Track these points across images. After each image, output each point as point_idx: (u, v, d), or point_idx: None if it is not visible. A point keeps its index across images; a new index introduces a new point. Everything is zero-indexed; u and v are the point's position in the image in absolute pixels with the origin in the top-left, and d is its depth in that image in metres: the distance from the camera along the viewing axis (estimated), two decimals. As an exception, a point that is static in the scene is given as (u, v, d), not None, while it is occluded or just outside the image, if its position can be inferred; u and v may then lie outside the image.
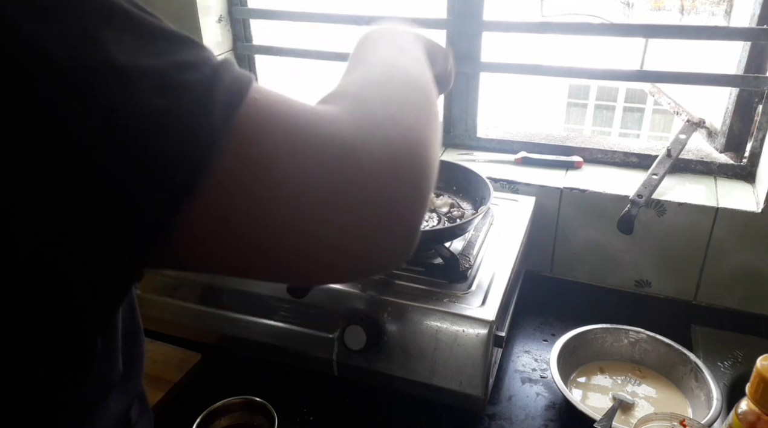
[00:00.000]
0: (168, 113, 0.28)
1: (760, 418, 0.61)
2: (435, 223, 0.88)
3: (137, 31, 0.29)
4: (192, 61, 0.30)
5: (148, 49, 0.28)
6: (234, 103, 0.30)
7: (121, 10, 0.29)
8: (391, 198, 0.34)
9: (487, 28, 1.08)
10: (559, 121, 7.71)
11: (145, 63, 0.28)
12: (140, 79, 0.27)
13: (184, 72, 0.29)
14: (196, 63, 0.30)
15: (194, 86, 0.29)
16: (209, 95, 0.29)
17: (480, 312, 0.74)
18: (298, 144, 0.31)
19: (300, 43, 1.28)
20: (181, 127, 0.28)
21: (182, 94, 0.28)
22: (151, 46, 0.29)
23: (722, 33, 0.98)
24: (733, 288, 0.99)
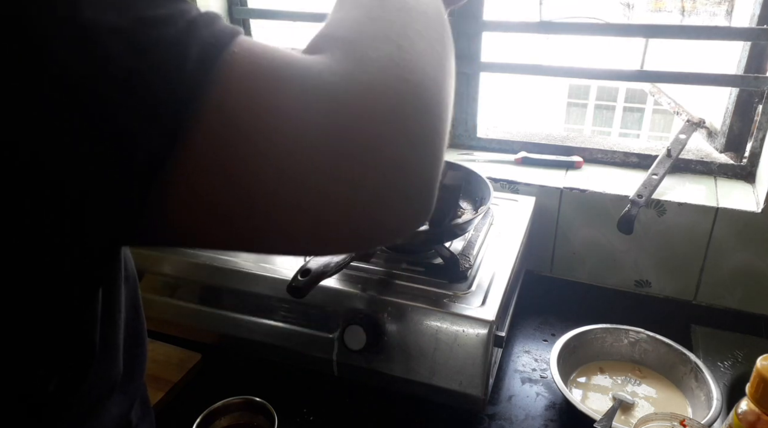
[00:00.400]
0: (137, 69, 0.26)
1: (760, 418, 0.61)
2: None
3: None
4: (167, 14, 0.28)
5: (117, 2, 0.27)
6: (210, 58, 0.28)
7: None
8: (400, 151, 0.31)
9: (487, 28, 1.08)
10: (559, 121, 7.71)
11: (113, 18, 0.26)
12: (107, 38, 0.26)
13: (155, 26, 0.27)
14: (171, 16, 0.28)
15: (166, 41, 0.27)
16: (181, 51, 0.27)
17: (480, 312, 0.74)
18: (280, 99, 0.29)
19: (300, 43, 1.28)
20: (152, 88, 0.26)
21: (153, 49, 0.27)
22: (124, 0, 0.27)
23: (722, 33, 0.98)
24: (733, 288, 0.99)
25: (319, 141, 0.29)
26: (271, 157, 0.28)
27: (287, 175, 0.28)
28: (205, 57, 0.28)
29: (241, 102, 0.28)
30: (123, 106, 0.26)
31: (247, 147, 0.28)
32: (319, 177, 0.29)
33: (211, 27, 0.29)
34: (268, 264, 0.84)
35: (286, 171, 0.28)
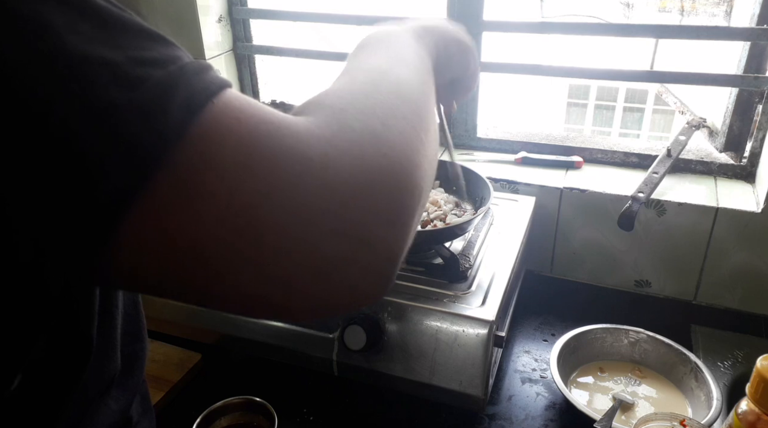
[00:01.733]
0: (120, 106, 0.26)
1: (760, 418, 0.61)
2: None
3: (102, 23, 0.27)
4: (158, 57, 0.28)
5: (110, 41, 0.27)
6: (195, 105, 0.28)
7: (86, 2, 0.27)
8: (362, 227, 0.30)
9: (487, 28, 1.08)
10: (559, 121, 7.70)
11: (103, 53, 0.26)
12: (94, 69, 0.26)
13: (146, 67, 0.27)
14: (163, 60, 0.28)
15: (153, 81, 0.27)
16: (168, 93, 0.27)
17: (480, 312, 0.74)
18: (255, 156, 0.28)
19: (300, 43, 1.28)
20: (132, 122, 0.26)
21: (138, 87, 0.26)
22: (115, 38, 0.27)
23: (722, 33, 0.98)
24: (733, 288, 0.99)
25: (284, 205, 0.28)
26: (233, 214, 0.28)
27: (247, 234, 0.28)
28: (191, 104, 0.28)
29: (216, 155, 0.28)
30: (98, 136, 0.25)
31: (211, 200, 0.28)
32: (279, 240, 0.28)
33: (201, 75, 0.29)
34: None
35: (246, 230, 0.28)
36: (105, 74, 0.26)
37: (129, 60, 0.27)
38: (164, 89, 0.27)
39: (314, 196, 0.29)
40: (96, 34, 0.27)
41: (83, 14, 0.27)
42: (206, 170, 0.28)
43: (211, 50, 1.21)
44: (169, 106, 0.27)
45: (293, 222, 0.28)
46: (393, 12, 1.16)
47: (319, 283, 0.30)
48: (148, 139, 0.26)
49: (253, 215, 0.28)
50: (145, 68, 0.27)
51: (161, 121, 0.27)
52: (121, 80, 0.26)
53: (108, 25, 0.27)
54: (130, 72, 0.27)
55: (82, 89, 0.25)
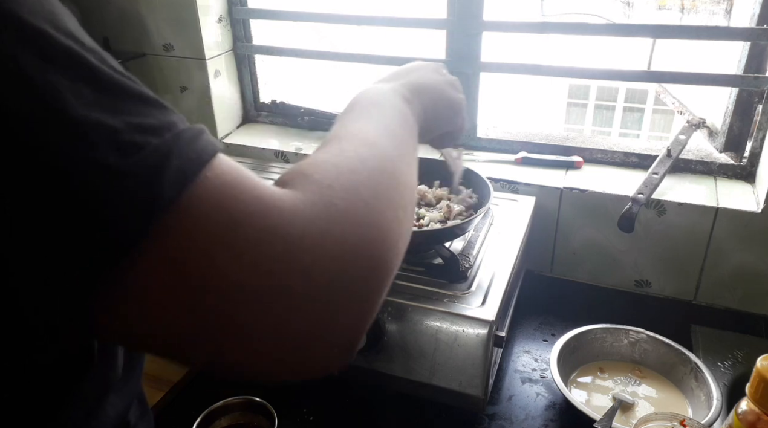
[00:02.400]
0: (118, 170, 0.27)
1: (760, 418, 0.61)
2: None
3: (104, 89, 0.28)
4: (154, 124, 0.29)
5: (108, 106, 0.28)
6: (188, 174, 0.29)
7: (88, 65, 0.28)
8: (334, 306, 0.32)
9: (487, 28, 1.08)
10: (559, 121, 7.70)
11: (101, 118, 0.27)
12: (92, 132, 0.27)
13: (143, 133, 0.28)
14: (159, 127, 0.29)
15: (150, 149, 0.28)
16: (162, 162, 0.28)
17: (480, 312, 0.74)
18: (238, 234, 0.29)
19: (300, 43, 1.28)
20: (126, 185, 0.27)
21: (136, 153, 0.28)
22: (114, 103, 0.28)
23: (723, 33, 0.98)
24: (733, 288, 0.99)
25: (266, 278, 0.30)
26: (215, 282, 0.29)
27: (229, 301, 0.29)
28: (183, 173, 0.29)
29: (204, 224, 0.29)
30: (96, 197, 0.26)
31: (193, 269, 0.29)
32: (258, 312, 0.30)
33: (194, 144, 0.30)
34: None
35: (228, 298, 0.29)
36: (106, 139, 0.27)
37: (128, 126, 0.28)
38: (159, 159, 0.28)
39: (292, 276, 0.30)
40: (98, 100, 0.28)
41: (87, 81, 0.28)
42: (191, 240, 0.29)
43: (211, 50, 1.21)
44: (162, 174, 0.28)
45: (267, 302, 0.30)
46: (393, 12, 1.16)
47: (286, 356, 0.32)
48: (141, 206, 0.27)
49: (230, 290, 0.29)
50: (143, 135, 0.28)
51: (153, 188, 0.28)
52: (120, 146, 0.27)
53: (109, 92, 0.28)
54: (128, 139, 0.28)
55: (86, 151, 0.26)
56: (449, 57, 1.13)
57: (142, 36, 1.21)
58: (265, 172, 1.15)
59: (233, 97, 1.31)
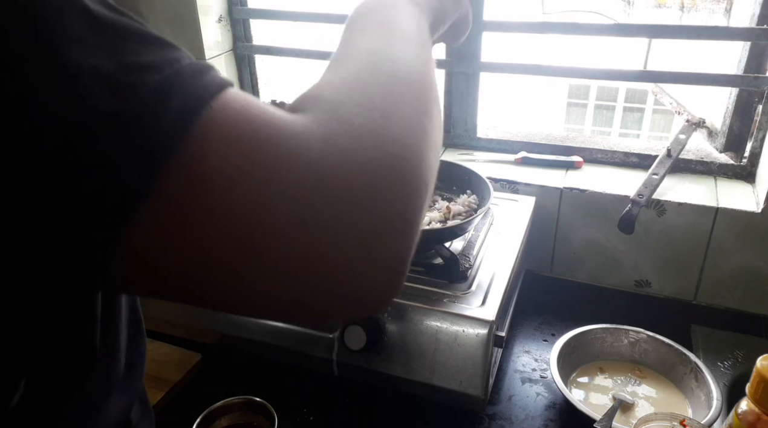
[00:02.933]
0: (115, 114, 0.25)
1: (760, 418, 0.61)
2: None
3: (97, 27, 0.27)
4: (153, 61, 0.27)
5: (102, 46, 0.26)
6: (192, 109, 0.27)
7: (83, 5, 0.27)
8: (373, 224, 0.29)
9: (487, 28, 1.08)
10: (559, 121, 7.70)
11: (95, 60, 0.26)
12: (85, 76, 0.25)
13: (141, 72, 0.27)
14: (159, 64, 0.28)
15: (148, 87, 0.26)
16: (162, 99, 0.27)
17: (480, 312, 0.74)
18: (255, 165, 0.28)
19: (300, 43, 1.28)
20: (127, 129, 0.26)
21: (133, 94, 0.26)
22: (107, 43, 0.27)
23: (723, 33, 0.98)
24: (733, 288, 0.99)
25: (290, 208, 0.28)
26: (237, 219, 0.27)
27: (253, 238, 0.28)
28: (187, 109, 0.27)
29: (216, 160, 0.27)
30: (96, 147, 0.25)
31: (211, 211, 0.27)
32: (286, 244, 0.28)
33: (199, 77, 0.28)
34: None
35: (253, 235, 0.28)
36: (100, 82, 0.26)
37: (122, 67, 0.26)
38: (158, 96, 0.27)
39: (317, 203, 0.28)
40: (91, 40, 0.26)
41: (80, 19, 0.26)
42: (205, 180, 0.27)
43: (211, 50, 1.21)
44: (164, 112, 0.26)
45: (297, 233, 0.28)
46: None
47: (326, 291, 0.29)
48: (143, 148, 0.26)
49: (254, 226, 0.27)
50: (140, 74, 0.27)
51: (155, 128, 0.26)
52: (115, 88, 0.26)
53: (103, 31, 0.27)
54: (124, 80, 0.26)
55: (79, 97, 0.25)
56: (449, 57, 1.13)
57: (142, 36, 1.21)
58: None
59: (233, 97, 1.31)
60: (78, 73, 0.25)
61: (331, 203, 0.28)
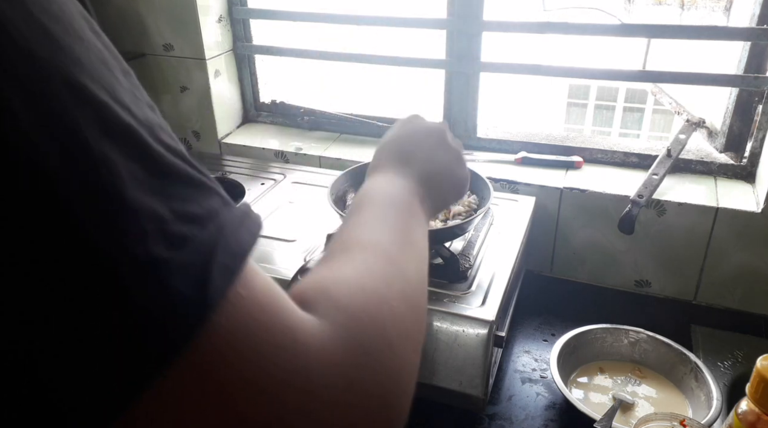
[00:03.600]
0: (165, 265, 0.25)
1: (760, 418, 0.61)
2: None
3: (153, 168, 0.26)
4: (200, 213, 0.27)
5: (158, 190, 0.26)
6: (228, 275, 0.27)
7: (143, 143, 0.26)
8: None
9: (487, 28, 1.08)
10: (559, 121, 7.70)
11: (152, 203, 0.26)
12: (143, 219, 0.25)
13: (189, 223, 0.27)
14: (205, 215, 0.28)
15: (196, 241, 0.26)
16: (209, 256, 0.27)
17: (480, 312, 0.74)
18: (262, 369, 0.28)
19: (301, 44, 1.29)
20: (172, 284, 0.25)
21: (183, 245, 0.26)
22: (163, 186, 0.26)
23: (723, 33, 0.98)
24: (733, 288, 0.99)
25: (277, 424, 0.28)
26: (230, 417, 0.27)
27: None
28: (225, 275, 0.27)
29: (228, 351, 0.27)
30: (139, 292, 0.24)
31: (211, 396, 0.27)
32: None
33: (237, 237, 0.29)
34: (268, 265, 0.84)
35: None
36: (155, 227, 0.25)
37: (175, 214, 0.26)
38: (204, 252, 0.27)
39: (318, 418, 0.29)
40: (149, 182, 0.26)
41: (141, 160, 0.26)
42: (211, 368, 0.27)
43: (211, 50, 1.21)
44: (209, 272, 0.26)
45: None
46: (393, 12, 1.16)
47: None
48: (186, 308, 0.26)
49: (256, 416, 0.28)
50: (190, 225, 0.27)
51: (201, 288, 0.26)
52: (168, 237, 0.26)
53: (159, 173, 0.27)
54: (176, 229, 0.26)
55: (134, 238, 0.25)
56: (449, 57, 1.13)
57: (142, 36, 1.21)
58: (265, 172, 1.15)
59: (233, 97, 1.31)
60: (135, 212, 0.25)
61: (333, 421, 0.30)
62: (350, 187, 0.94)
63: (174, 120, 1.28)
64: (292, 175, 1.13)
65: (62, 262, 0.23)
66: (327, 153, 1.19)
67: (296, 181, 1.11)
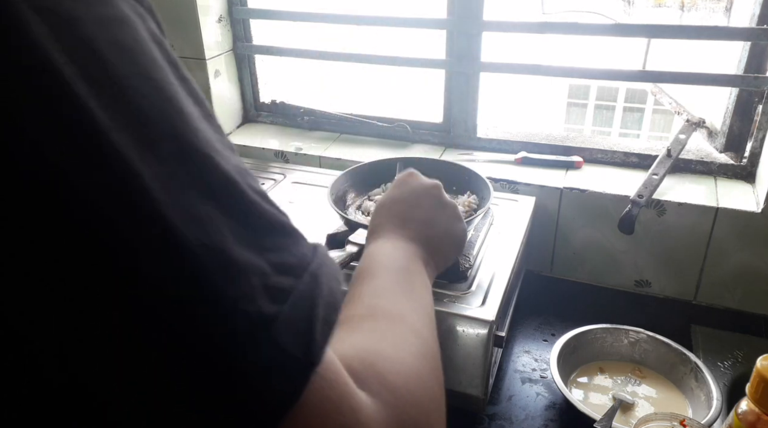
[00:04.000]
0: (273, 321, 0.25)
1: (760, 418, 0.61)
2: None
3: (252, 220, 0.27)
4: (293, 263, 0.28)
5: (257, 243, 0.26)
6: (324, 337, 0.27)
7: (243, 196, 0.26)
8: None
9: (487, 28, 1.08)
10: (559, 121, 7.70)
11: (254, 257, 0.26)
12: (250, 274, 0.25)
13: (287, 274, 0.27)
14: (297, 266, 0.28)
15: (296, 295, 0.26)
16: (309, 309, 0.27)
17: (480, 312, 0.74)
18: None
19: (301, 43, 1.29)
20: (279, 342, 0.25)
21: (285, 299, 0.26)
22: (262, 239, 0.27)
23: (723, 33, 0.98)
24: (733, 288, 0.99)
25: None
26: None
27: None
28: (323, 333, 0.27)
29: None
30: (251, 352, 0.24)
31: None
32: None
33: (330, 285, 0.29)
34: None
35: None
36: (259, 282, 0.25)
37: (274, 267, 0.26)
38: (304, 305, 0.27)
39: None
40: (249, 235, 0.26)
41: (241, 213, 0.26)
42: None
43: (211, 50, 1.21)
44: (313, 326, 0.27)
45: None
46: (393, 12, 1.16)
47: None
48: (294, 366, 0.26)
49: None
50: (288, 277, 0.27)
51: (306, 341, 0.26)
52: (270, 290, 0.26)
53: (257, 225, 0.27)
54: (276, 282, 0.26)
55: (243, 295, 0.25)
56: (449, 57, 1.13)
57: (142, 36, 1.21)
58: (265, 172, 1.15)
59: (233, 97, 1.31)
60: (240, 268, 0.25)
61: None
62: (350, 187, 0.94)
63: (174, 120, 1.28)
64: (292, 175, 1.13)
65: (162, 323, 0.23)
66: (327, 153, 1.19)
67: (296, 181, 1.11)
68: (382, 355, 0.37)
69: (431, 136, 1.21)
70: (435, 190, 0.61)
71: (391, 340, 0.39)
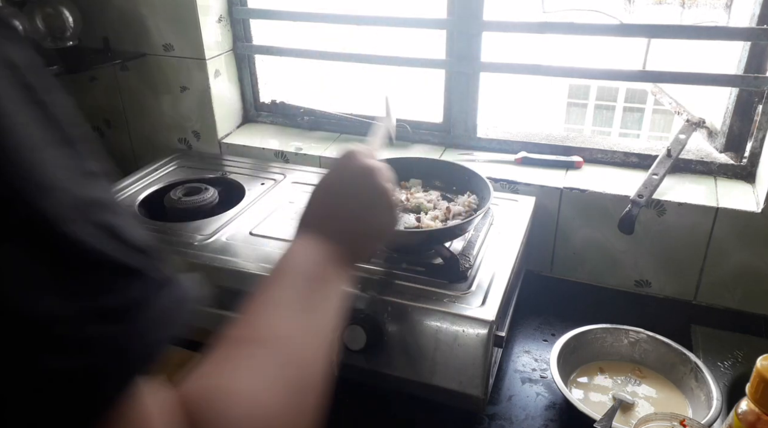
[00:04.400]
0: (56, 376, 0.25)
1: (760, 418, 0.61)
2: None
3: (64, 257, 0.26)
4: (115, 307, 0.27)
5: (63, 285, 0.25)
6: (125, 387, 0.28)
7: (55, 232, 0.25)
8: None
9: (487, 28, 1.08)
10: (559, 121, 7.70)
11: (51, 306, 0.25)
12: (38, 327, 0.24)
13: (96, 322, 0.26)
14: (118, 310, 0.27)
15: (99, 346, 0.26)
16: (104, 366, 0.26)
17: (480, 312, 0.74)
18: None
19: (301, 44, 1.29)
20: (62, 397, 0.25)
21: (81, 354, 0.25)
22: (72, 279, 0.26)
23: (723, 33, 0.98)
24: (733, 288, 0.99)
25: None
26: None
27: None
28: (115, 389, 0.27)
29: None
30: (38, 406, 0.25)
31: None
32: None
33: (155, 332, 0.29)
34: (269, 265, 0.84)
35: None
36: (50, 335, 0.25)
37: (82, 313, 0.26)
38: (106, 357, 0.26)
39: None
40: (55, 280, 0.25)
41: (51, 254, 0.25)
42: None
43: (211, 50, 1.21)
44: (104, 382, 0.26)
45: None
46: (393, 12, 1.16)
47: None
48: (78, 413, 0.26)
49: None
50: (97, 325, 0.26)
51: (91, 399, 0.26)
52: (66, 342, 0.25)
53: (73, 266, 0.26)
54: (78, 332, 0.25)
55: (25, 356, 0.24)
56: (449, 57, 1.13)
57: (142, 36, 1.21)
58: (265, 172, 1.15)
59: (233, 97, 1.31)
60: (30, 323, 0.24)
61: None
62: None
63: (174, 120, 1.29)
64: (292, 175, 1.13)
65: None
66: (327, 153, 1.19)
67: (296, 181, 1.11)
68: (231, 391, 0.36)
69: (431, 135, 1.21)
70: (371, 176, 0.56)
71: (254, 372, 0.38)
